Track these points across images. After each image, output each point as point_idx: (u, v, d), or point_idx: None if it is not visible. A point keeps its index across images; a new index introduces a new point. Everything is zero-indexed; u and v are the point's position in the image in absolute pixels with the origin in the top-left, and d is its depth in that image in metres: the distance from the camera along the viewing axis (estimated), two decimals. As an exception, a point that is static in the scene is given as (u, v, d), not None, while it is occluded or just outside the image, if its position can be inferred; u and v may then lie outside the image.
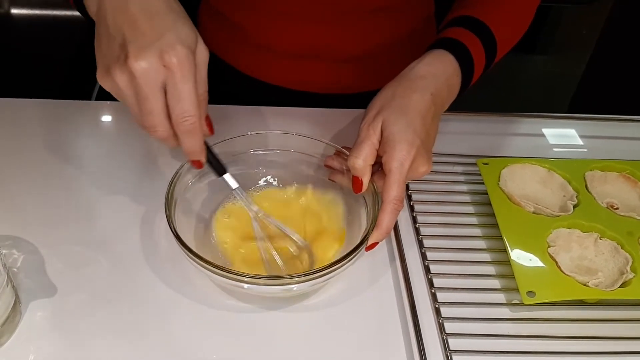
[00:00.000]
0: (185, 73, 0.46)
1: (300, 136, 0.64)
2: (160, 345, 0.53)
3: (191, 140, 0.50)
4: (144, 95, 0.46)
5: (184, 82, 0.46)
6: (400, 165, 0.54)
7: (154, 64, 0.45)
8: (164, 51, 0.46)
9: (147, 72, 0.45)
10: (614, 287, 0.56)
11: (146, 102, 0.47)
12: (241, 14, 0.79)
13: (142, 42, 0.46)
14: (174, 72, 0.46)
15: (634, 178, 0.69)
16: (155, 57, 0.45)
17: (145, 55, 0.45)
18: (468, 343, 0.54)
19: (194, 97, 0.47)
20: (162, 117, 0.48)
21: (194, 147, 0.50)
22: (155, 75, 0.46)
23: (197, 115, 0.48)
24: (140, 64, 0.45)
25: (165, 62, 0.46)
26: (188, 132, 0.48)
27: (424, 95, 0.57)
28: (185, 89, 0.47)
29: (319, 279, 0.51)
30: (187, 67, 0.46)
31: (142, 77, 0.46)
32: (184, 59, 0.46)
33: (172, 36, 0.46)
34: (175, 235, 0.52)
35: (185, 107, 0.47)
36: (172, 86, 0.47)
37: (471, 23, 0.64)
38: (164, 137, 0.49)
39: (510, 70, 1.77)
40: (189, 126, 0.48)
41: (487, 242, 0.64)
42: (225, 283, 0.52)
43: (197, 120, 0.48)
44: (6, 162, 0.70)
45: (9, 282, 0.51)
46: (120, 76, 0.46)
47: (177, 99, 0.47)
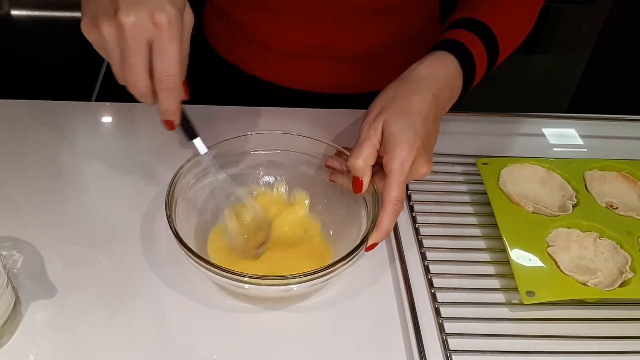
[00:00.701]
0: (173, 33, 0.47)
1: (301, 136, 0.64)
2: (160, 346, 0.53)
3: (169, 99, 0.50)
4: (129, 49, 0.47)
5: (171, 42, 0.47)
6: (401, 166, 0.54)
7: (144, 20, 0.46)
8: (154, 9, 0.46)
9: (135, 26, 0.46)
10: (613, 286, 0.56)
11: (130, 56, 0.47)
12: (245, 13, 0.80)
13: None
14: (163, 30, 0.47)
15: (633, 177, 0.69)
16: (145, 14, 0.46)
17: (135, 11, 0.46)
18: (468, 343, 0.54)
19: (178, 57, 0.48)
20: (144, 73, 0.48)
21: (171, 107, 0.51)
22: (144, 31, 0.46)
23: (179, 75, 0.49)
24: (130, 18, 0.46)
25: (155, 20, 0.46)
26: (168, 90, 0.49)
27: (425, 96, 0.57)
28: (171, 49, 0.47)
29: (319, 279, 0.51)
30: (175, 27, 0.47)
31: (130, 31, 0.46)
32: (173, 19, 0.47)
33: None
34: (175, 236, 0.52)
35: (169, 66, 0.48)
36: (158, 44, 0.47)
37: (473, 25, 0.64)
38: (142, 93, 0.50)
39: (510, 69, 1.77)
40: (169, 84, 0.49)
41: (487, 242, 0.64)
42: (225, 283, 0.52)
43: (179, 80, 0.49)
44: (6, 163, 0.70)
45: (9, 283, 0.51)
46: (108, 28, 0.47)
47: (162, 58, 0.48)
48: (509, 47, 0.67)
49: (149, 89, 0.49)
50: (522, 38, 0.69)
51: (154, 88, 0.49)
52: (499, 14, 0.66)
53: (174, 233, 0.53)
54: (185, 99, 0.53)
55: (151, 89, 0.50)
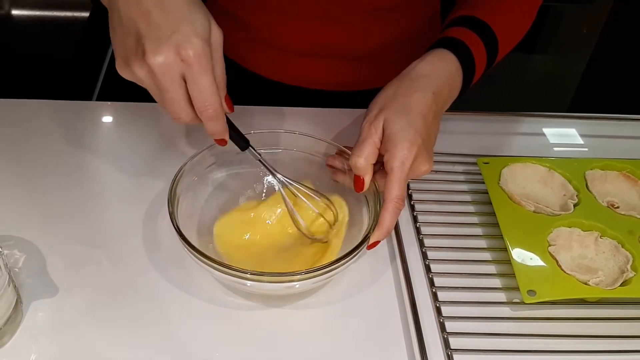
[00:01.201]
0: (203, 66, 0.48)
1: (303, 135, 0.64)
2: (162, 344, 0.53)
3: (214, 124, 0.52)
4: (164, 88, 0.48)
5: (202, 75, 0.48)
6: (402, 164, 0.54)
7: (172, 59, 0.46)
8: (180, 45, 0.46)
9: (165, 66, 0.47)
10: (614, 285, 0.56)
11: (167, 94, 0.48)
12: (248, 11, 0.80)
13: (157, 37, 0.46)
14: (192, 65, 0.47)
15: (634, 177, 0.69)
16: (172, 52, 0.46)
17: (161, 51, 0.46)
18: (469, 342, 0.54)
19: (213, 87, 0.49)
20: (184, 104, 0.50)
21: (218, 130, 0.53)
22: (173, 69, 0.47)
23: (218, 101, 0.50)
24: (157, 59, 0.46)
25: (183, 57, 0.47)
26: (211, 118, 0.50)
27: (425, 94, 0.57)
28: (204, 82, 0.48)
29: (321, 276, 0.51)
30: (203, 59, 0.47)
31: (160, 72, 0.47)
32: (200, 51, 0.47)
33: (187, 28, 0.47)
34: (178, 232, 0.53)
35: (205, 97, 0.49)
36: (191, 79, 0.48)
37: (473, 23, 0.64)
38: (187, 122, 0.51)
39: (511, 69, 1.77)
40: (211, 113, 0.50)
41: (488, 241, 0.64)
42: (228, 280, 0.52)
43: (219, 107, 0.50)
44: (7, 163, 0.70)
45: (11, 282, 0.51)
46: (140, 70, 0.47)
47: (198, 92, 0.49)
48: (508, 45, 0.67)
49: (193, 116, 0.51)
50: (521, 36, 0.70)
51: (198, 116, 0.50)
52: (498, 12, 0.66)
53: (176, 230, 0.53)
54: (229, 112, 0.54)
55: (194, 115, 0.51)
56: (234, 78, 0.87)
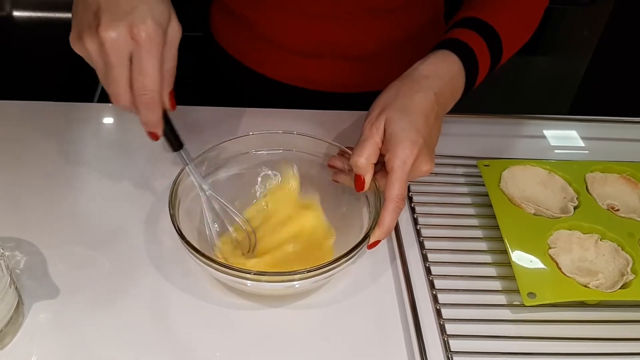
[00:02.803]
0: (152, 48, 0.48)
1: (302, 136, 0.64)
2: (163, 344, 0.53)
3: (148, 113, 0.51)
4: (110, 63, 0.48)
5: (149, 57, 0.48)
6: (403, 163, 0.54)
7: (123, 35, 0.47)
8: (134, 24, 0.47)
9: (115, 42, 0.47)
10: (614, 288, 0.56)
11: (112, 71, 0.48)
12: (251, 10, 0.80)
13: (114, 13, 0.47)
14: (141, 45, 0.48)
15: (635, 180, 0.69)
16: (124, 29, 0.47)
17: (115, 26, 0.47)
18: (469, 344, 0.54)
19: (156, 72, 0.49)
20: (126, 86, 0.49)
21: (151, 119, 0.52)
22: (123, 46, 0.47)
23: (157, 90, 0.50)
24: (109, 33, 0.47)
25: (134, 35, 0.47)
26: (146, 104, 0.50)
27: (427, 94, 0.57)
28: (149, 64, 0.48)
29: (321, 275, 0.51)
30: (154, 42, 0.48)
31: (110, 47, 0.47)
32: (152, 34, 0.48)
33: (145, 10, 0.47)
34: (179, 234, 0.53)
35: (145, 81, 0.49)
36: (136, 59, 0.48)
37: (477, 25, 0.64)
38: (125, 106, 0.51)
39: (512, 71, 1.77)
40: (147, 99, 0.50)
41: (488, 243, 0.64)
42: (228, 280, 0.53)
43: (157, 95, 0.50)
44: (9, 164, 0.70)
45: (12, 283, 0.51)
46: (91, 43, 0.48)
47: (139, 72, 0.49)
48: (512, 48, 0.67)
49: (131, 102, 0.51)
50: (525, 39, 0.69)
51: (134, 100, 0.50)
52: (503, 14, 0.66)
53: (177, 232, 0.53)
54: (169, 110, 0.54)
55: (133, 102, 0.51)
56: (237, 77, 0.88)
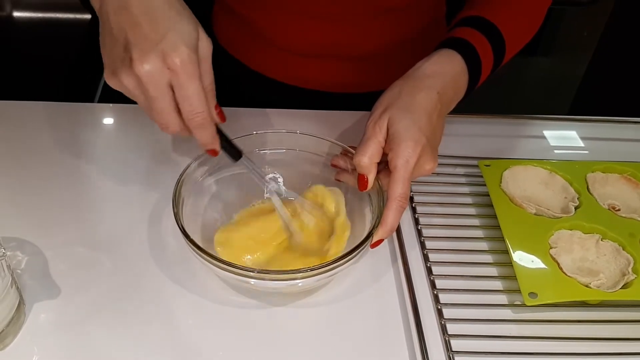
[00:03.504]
0: (189, 73, 0.48)
1: (305, 135, 0.64)
2: (165, 344, 0.53)
3: (203, 134, 0.52)
4: (152, 96, 0.48)
5: (189, 82, 0.48)
6: (406, 162, 0.54)
7: (158, 67, 0.47)
8: (166, 54, 0.47)
9: (151, 75, 0.47)
10: (615, 288, 0.56)
11: (155, 103, 0.49)
12: (254, 11, 0.80)
13: (144, 45, 0.47)
14: (178, 73, 0.48)
15: (635, 180, 0.69)
16: (158, 60, 0.47)
17: (148, 59, 0.47)
18: (470, 344, 0.54)
19: (200, 94, 0.49)
20: (172, 114, 0.50)
21: (207, 139, 0.53)
22: (160, 77, 0.47)
23: (206, 110, 0.50)
24: (144, 67, 0.47)
25: (169, 65, 0.47)
26: (199, 126, 0.51)
27: (430, 93, 0.57)
28: (191, 88, 0.48)
29: (324, 274, 0.51)
30: (190, 66, 0.48)
31: (147, 81, 0.47)
32: (186, 59, 0.47)
33: (174, 37, 0.47)
34: (182, 233, 0.53)
35: (192, 105, 0.49)
36: (178, 87, 0.48)
37: (480, 23, 0.64)
38: (176, 132, 0.51)
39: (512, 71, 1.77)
40: (199, 122, 0.50)
41: (489, 243, 0.64)
42: (232, 279, 0.53)
43: (207, 115, 0.51)
44: (10, 164, 0.70)
45: (13, 283, 0.51)
46: (127, 79, 0.48)
47: (185, 99, 0.49)
48: (515, 47, 0.67)
49: (181, 126, 0.51)
50: (528, 38, 0.69)
51: (186, 124, 0.51)
52: (506, 13, 0.66)
53: (181, 230, 0.53)
54: (220, 123, 0.54)
55: (183, 126, 0.51)
56: (239, 78, 0.88)
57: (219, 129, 0.54)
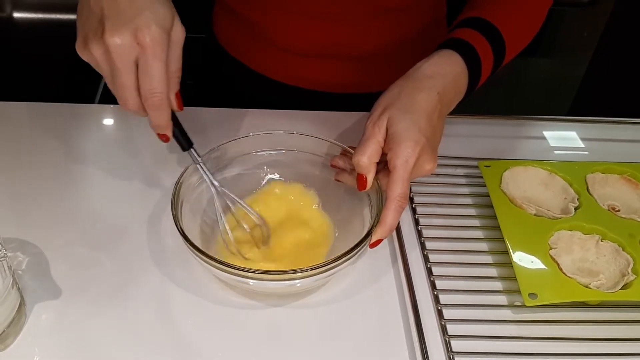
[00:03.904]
0: (157, 52, 0.49)
1: (305, 136, 0.64)
2: (165, 344, 0.53)
3: (158, 115, 0.52)
4: (117, 69, 0.49)
5: (154, 61, 0.49)
6: (405, 162, 0.54)
7: (128, 41, 0.48)
8: (138, 29, 0.48)
9: (120, 48, 0.48)
10: (615, 289, 0.57)
11: (119, 76, 0.49)
12: (254, 11, 0.80)
13: (118, 19, 0.48)
14: (146, 50, 0.49)
15: (635, 180, 0.69)
16: (129, 35, 0.48)
17: (120, 32, 0.48)
18: (470, 345, 0.54)
19: (162, 74, 0.50)
20: (133, 91, 0.51)
21: (160, 121, 0.53)
22: (128, 51, 0.48)
23: (165, 92, 0.51)
24: (114, 39, 0.48)
25: (139, 40, 0.48)
26: (155, 107, 0.51)
27: (430, 94, 0.57)
28: (155, 67, 0.49)
29: (323, 274, 0.52)
30: (158, 46, 0.49)
31: (115, 53, 0.48)
32: (156, 38, 0.48)
33: (149, 15, 0.48)
34: (181, 234, 0.53)
35: (153, 83, 0.50)
36: (142, 63, 0.49)
37: (480, 25, 0.64)
38: (134, 110, 0.52)
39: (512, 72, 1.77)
40: (155, 102, 0.51)
41: (489, 244, 0.64)
42: (231, 279, 0.53)
43: (164, 97, 0.51)
44: (11, 165, 0.70)
45: (14, 284, 0.51)
46: (96, 49, 0.49)
47: (146, 76, 0.50)
48: (516, 48, 0.67)
49: (139, 106, 0.52)
50: (529, 39, 0.69)
51: (143, 104, 0.51)
52: (507, 14, 0.66)
53: (179, 231, 0.53)
54: (177, 110, 0.54)
55: (141, 105, 0.51)
56: (239, 78, 0.88)
57: (175, 118, 0.55)
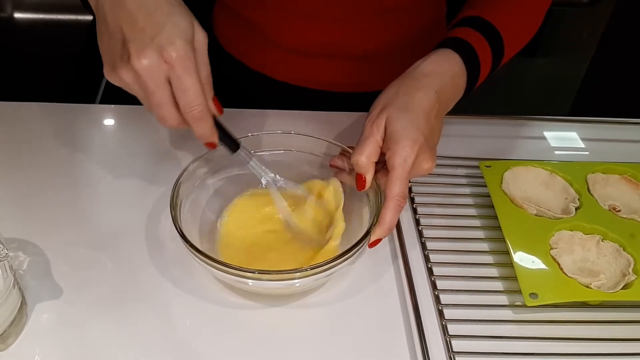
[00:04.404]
0: (186, 66, 0.49)
1: (303, 136, 0.64)
2: (165, 344, 0.53)
3: (201, 126, 0.52)
4: (150, 90, 0.49)
5: (186, 75, 0.49)
6: (404, 161, 0.54)
7: (155, 62, 0.48)
8: (162, 48, 0.48)
9: (149, 69, 0.48)
10: (616, 289, 0.57)
11: (153, 96, 0.49)
12: (255, 11, 0.80)
13: (141, 40, 0.48)
14: (175, 66, 0.48)
15: (636, 180, 0.69)
16: (155, 55, 0.48)
17: (145, 54, 0.48)
18: (471, 344, 0.54)
19: (197, 87, 0.50)
20: (170, 107, 0.51)
21: (205, 131, 0.53)
22: (158, 71, 0.48)
23: (203, 103, 0.51)
24: (142, 62, 0.48)
25: (166, 59, 0.48)
26: (196, 119, 0.51)
27: (428, 93, 0.57)
28: (188, 81, 0.49)
29: (322, 273, 0.52)
30: (186, 59, 0.49)
31: (145, 75, 0.48)
32: (182, 52, 0.48)
33: (170, 30, 0.48)
34: (180, 235, 0.53)
35: (190, 97, 0.50)
36: (175, 80, 0.49)
37: (479, 24, 0.64)
38: (174, 125, 0.52)
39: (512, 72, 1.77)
40: (196, 114, 0.51)
41: (490, 244, 0.64)
42: (230, 280, 0.53)
43: (204, 108, 0.51)
44: (12, 165, 0.70)
45: (16, 284, 0.51)
46: (126, 74, 0.49)
47: (182, 92, 0.50)
48: (514, 47, 0.67)
49: (179, 120, 0.51)
50: (528, 38, 0.69)
51: (184, 118, 0.51)
52: (505, 13, 0.66)
53: (179, 233, 0.53)
54: (218, 115, 0.54)
55: (181, 119, 0.51)
56: (239, 78, 0.88)
57: (216, 121, 0.55)
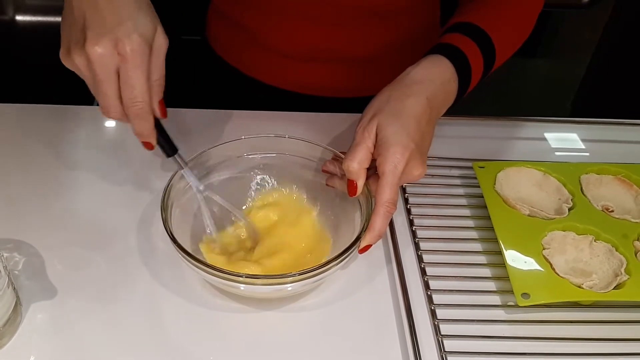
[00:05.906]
0: (137, 61, 0.49)
1: (296, 139, 0.64)
2: (157, 346, 0.53)
3: (140, 123, 0.53)
4: (99, 78, 0.50)
5: (134, 71, 0.50)
6: (394, 168, 0.54)
7: (108, 51, 0.49)
8: (119, 39, 0.49)
9: (101, 57, 0.49)
10: (608, 289, 0.57)
11: (101, 85, 0.50)
12: (248, 16, 0.80)
13: (100, 29, 0.49)
14: (126, 60, 0.49)
15: (629, 181, 0.70)
16: (110, 44, 0.48)
17: (101, 42, 0.48)
18: (463, 344, 0.54)
19: (143, 83, 0.50)
20: (115, 100, 0.51)
21: (143, 130, 0.54)
22: (109, 61, 0.49)
23: (147, 100, 0.51)
24: (95, 49, 0.48)
25: (119, 50, 0.49)
26: (137, 115, 0.52)
27: (419, 99, 0.58)
28: (135, 76, 0.50)
29: (312, 279, 0.52)
30: (139, 56, 0.49)
31: (97, 62, 0.49)
32: (136, 48, 0.49)
33: (130, 25, 0.49)
34: (171, 238, 0.53)
35: (134, 92, 0.50)
36: (123, 73, 0.50)
37: (469, 29, 0.64)
38: (116, 118, 0.52)
39: (512, 74, 1.77)
40: (137, 110, 0.51)
41: (483, 244, 0.65)
42: (221, 284, 0.53)
43: (146, 106, 0.52)
44: (8, 166, 0.71)
45: (10, 284, 0.52)
46: (79, 58, 0.49)
47: (127, 85, 0.50)
48: (505, 53, 0.67)
49: (122, 114, 0.52)
50: (519, 44, 0.70)
51: (125, 112, 0.52)
52: (496, 19, 0.66)
53: (169, 236, 0.53)
54: (161, 118, 0.55)
55: (123, 113, 0.52)
56: (233, 82, 0.89)
57: (159, 125, 0.55)
